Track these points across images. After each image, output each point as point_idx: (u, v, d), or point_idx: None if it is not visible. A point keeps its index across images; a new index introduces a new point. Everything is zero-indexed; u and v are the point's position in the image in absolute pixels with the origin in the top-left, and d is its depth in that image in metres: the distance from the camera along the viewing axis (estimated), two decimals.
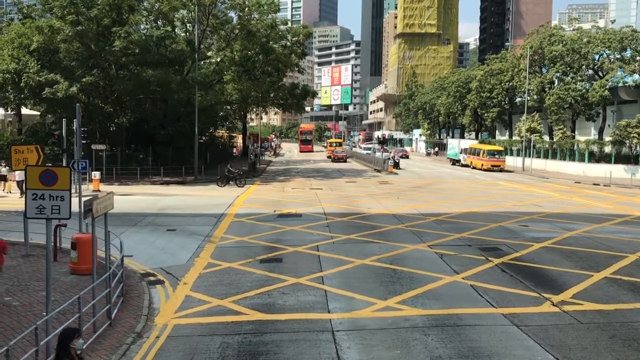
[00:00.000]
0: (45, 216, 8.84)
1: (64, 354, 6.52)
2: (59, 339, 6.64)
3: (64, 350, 6.53)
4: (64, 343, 6.56)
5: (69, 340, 6.57)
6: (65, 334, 6.67)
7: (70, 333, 6.69)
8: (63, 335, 6.65)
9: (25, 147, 17.84)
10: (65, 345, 6.54)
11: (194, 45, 45.43)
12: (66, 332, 6.76)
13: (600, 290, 13.49)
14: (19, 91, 40.46)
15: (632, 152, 48.11)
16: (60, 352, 6.56)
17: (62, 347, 6.54)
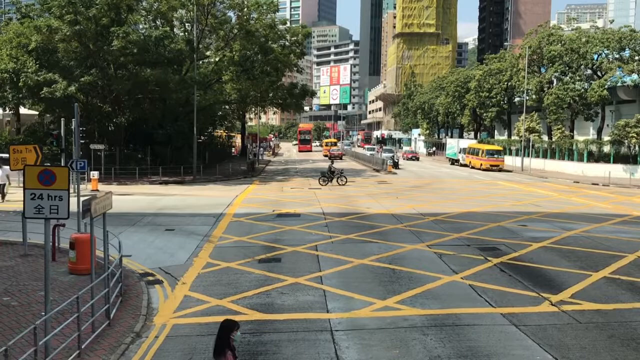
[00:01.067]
0: (43, 216, 8.83)
1: (226, 344, 6.68)
2: (221, 330, 6.80)
3: (225, 341, 6.70)
4: (226, 334, 6.73)
5: (230, 331, 6.74)
6: (227, 326, 6.82)
7: (232, 325, 6.85)
8: (225, 327, 6.80)
9: (24, 147, 17.81)
10: (227, 336, 6.71)
11: (193, 45, 45.40)
12: (227, 323, 6.89)
13: (598, 290, 13.50)
14: (17, 91, 40.43)
15: (630, 152, 48.17)
16: (222, 343, 6.70)
17: (224, 338, 6.70)
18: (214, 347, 6.74)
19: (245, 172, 49.58)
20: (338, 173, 38.93)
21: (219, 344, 6.69)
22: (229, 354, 6.63)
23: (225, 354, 6.62)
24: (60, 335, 9.29)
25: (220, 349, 6.65)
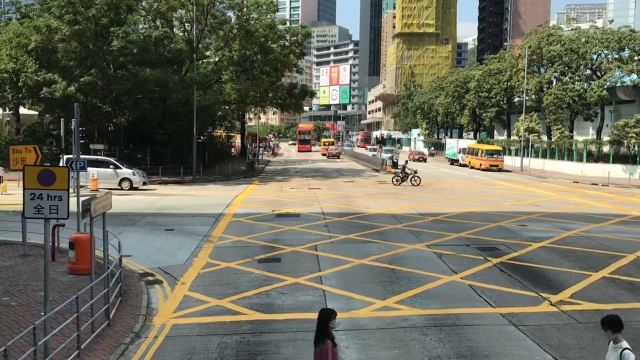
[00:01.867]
0: (43, 216, 8.83)
1: (325, 332, 6.81)
2: (319, 319, 6.96)
3: (324, 329, 6.83)
4: (324, 323, 6.86)
5: (328, 319, 6.89)
6: (325, 314, 6.95)
7: (329, 313, 6.99)
8: (322, 316, 6.95)
9: (24, 147, 17.80)
10: (325, 324, 6.84)
11: (193, 45, 45.37)
12: (325, 312, 7.03)
13: (598, 290, 13.50)
14: (17, 91, 40.39)
15: (630, 152, 48.20)
16: (322, 331, 6.84)
17: (323, 327, 6.86)
18: (315, 336, 6.93)
19: (244, 172, 49.58)
20: (412, 173, 38.76)
21: (318, 333, 6.86)
22: (328, 342, 6.77)
23: (325, 342, 6.76)
24: (59, 335, 9.29)
25: (320, 338, 6.82)
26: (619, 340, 6.37)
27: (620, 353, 6.20)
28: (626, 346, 6.23)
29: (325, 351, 6.69)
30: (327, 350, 6.69)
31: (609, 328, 6.46)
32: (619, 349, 6.25)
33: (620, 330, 6.45)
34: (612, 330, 6.42)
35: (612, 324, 6.47)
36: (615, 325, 6.48)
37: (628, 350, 6.20)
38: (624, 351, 6.19)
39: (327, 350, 6.69)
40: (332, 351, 6.70)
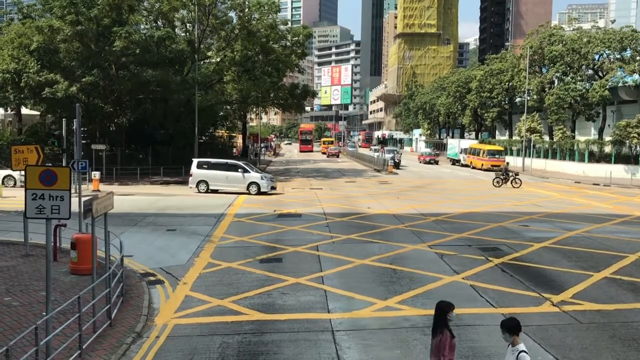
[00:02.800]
0: (45, 216, 8.84)
1: (443, 324, 6.93)
2: (437, 310, 7.06)
3: (443, 321, 6.94)
4: (443, 315, 6.98)
5: (446, 311, 6.99)
6: (443, 306, 7.05)
7: (447, 305, 7.08)
8: (441, 307, 7.05)
9: (25, 147, 17.82)
10: (444, 316, 6.96)
11: (194, 45, 45.41)
12: (443, 304, 7.12)
13: (600, 290, 13.49)
14: (19, 91, 40.45)
15: (632, 152, 48.11)
16: (439, 323, 6.96)
17: (441, 319, 6.97)
18: (432, 327, 7.06)
19: None
20: (513, 175, 38.39)
21: (437, 324, 6.98)
22: (446, 332, 6.87)
23: (444, 333, 6.86)
24: (61, 335, 9.30)
25: (438, 328, 6.93)
26: (517, 343, 6.48)
27: (517, 356, 6.31)
28: (522, 349, 6.35)
29: (443, 341, 6.84)
30: (446, 340, 6.84)
31: (507, 331, 6.59)
32: (516, 352, 6.35)
33: (518, 333, 6.54)
34: (510, 333, 6.54)
35: (510, 328, 6.59)
36: (513, 328, 6.59)
37: (524, 353, 6.32)
38: (520, 354, 6.31)
39: (445, 340, 6.84)
40: (450, 342, 6.85)
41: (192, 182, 33.02)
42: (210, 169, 32.98)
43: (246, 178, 32.39)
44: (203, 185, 32.62)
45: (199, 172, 32.82)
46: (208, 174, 32.70)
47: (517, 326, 6.57)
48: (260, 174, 33.36)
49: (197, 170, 32.89)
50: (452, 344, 6.86)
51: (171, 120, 45.59)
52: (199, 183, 32.71)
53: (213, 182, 32.49)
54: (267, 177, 33.25)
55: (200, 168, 33.01)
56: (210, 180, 32.52)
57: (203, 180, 32.62)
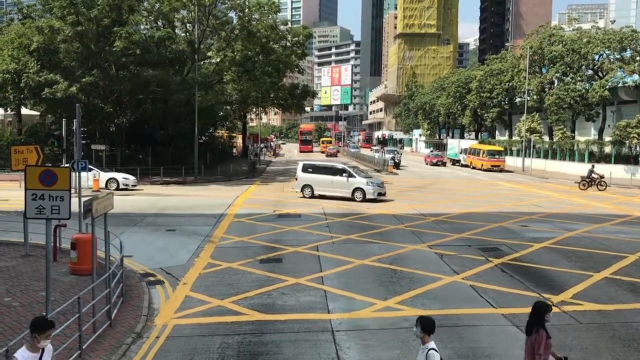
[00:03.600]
0: (45, 216, 8.84)
1: (540, 324, 7.02)
2: (535, 310, 7.16)
3: (540, 321, 7.03)
4: (540, 315, 7.06)
5: (544, 312, 7.08)
6: (540, 307, 7.16)
7: (545, 306, 7.19)
8: (538, 307, 7.16)
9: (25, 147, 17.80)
10: (541, 316, 7.04)
11: (194, 46, 45.41)
12: (541, 304, 7.23)
13: (600, 291, 13.49)
14: (19, 91, 40.45)
15: (631, 152, 48.12)
16: (536, 323, 7.07)
17: (538, 318, 7.07)
18: (527, 326, 7.15)
19: (246, 172, 49.59)
20: (598, 178, 37.55)
21: (532, 323, 7.06)
22: (542, 332, 6.94)
23: (539, 332, 6.94)
24: (61, 335, 9.29)
25: (534, 327, 7.01)
26: (427, 341, 6.53)
27: (426, 353, 6.37)
28: (432, 347, 6.40)
29: (539, 341, 6.91)
30: (541, 339, 6.91)
31: (420, 327, 6.59)
32: (426, 350, 6.41)
33: (429, 333, 6.55)
34: (422, 330, 6.55)
35: (424, 326, 6.61)
36: (426, 327, 6.61)
37: (433, 350, 6.38)
38: (429, 351, 6.36)
39: (540, 340, 6.91)
40: (545, 342, 6.91)
41: (297, 186, 31.50)
42: (315, 172, 31.18)
43: (350, 183, 30.11)
44: (308, 189, 30.87)
45: (304, 176, 31.15)
46: (313, 178, 30.85)
47: (431, 326, 6.59)
48: (366, 179, 30.87)
49: (302, 173, 31.29)
50: (548, 344, 6.96)
51: (171, 121, 45.59)
52: (304, 187, 30.98)
53: (318, 187, 30.62)
54: (374, 182, 30.58)
55: (305, 171, 31.34)
56: (315, 184, 30.70)
57: (308, 185, 30.85)
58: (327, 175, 30.76)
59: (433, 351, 6.37)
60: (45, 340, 6.04)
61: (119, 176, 34.49)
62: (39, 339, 6.00)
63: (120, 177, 34.45)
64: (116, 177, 34.21)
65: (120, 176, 34.53)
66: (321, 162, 33.76)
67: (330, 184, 30.42)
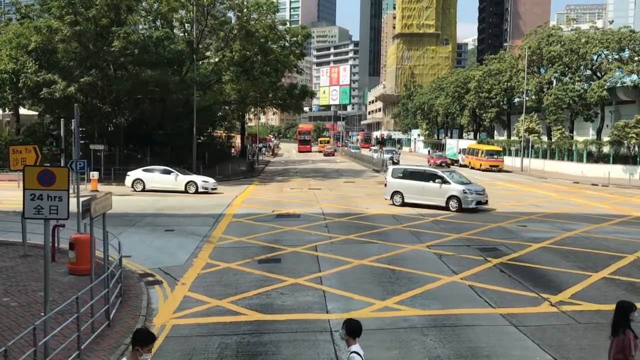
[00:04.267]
0: (43, 216, 8.82)
1: (626, 325, 6.95)
2: (619, 310, 7.08)
3: (625, 321, 6.97)
4: (624, 314, 7.00)
5: (628, 311, 7.00)
6: (625, 306, 7.07)
7: (630, 305, 7.08)
8: (622, 307, 7.06)
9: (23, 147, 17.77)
10: (626, 316, 6.98)
11: (193, 46, 45.37)
12: (625, 304, 7.14)
13: (598, 291, 13.51)
14: (17, 91, 40.40)
15: (630, 153, 48.18)
16: (622, 324, 6.98)
17: (623, 318, 6.99)
18: (612, 326, 7.07)
19: (245, 172, 49.58)
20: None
21: (618, 324, 6.99)
22: (629, 332, 6.88)
23: (626, 333, 6.88)
24: (59, 335, 9.29)
25: (620, 329, 6.94)
26: (350, 344, 6.46)
27: (348, 356, 6.32)
28: (354, 350, 6.33)
29: (627, 342, 6.86)
30: (629, 340, 6.86)
31: (345, 330, 6.49)
32: (348, 352, 6.36)
33: (354, 337, 6.47)
34: (346, 333, 6.50)
35: (349, 329, 6.51)
36: (350, 331, 6.52)
37: (355, 353, 6.30)
38: (351, 354, 6.31)
39: (628, 341, 6.86)
40: (634, 342, 6.86)
41: (386, 193, 28.58)
42: (405, 178, 27.97)
43: (444, 190, 26.44)
44: (398, 197, 27.75)
45: (394, 182, 28.14)
46: (404, 184, 27.70)
47: (356, 330, 6.48)
48: (463, 185, 26.72)
49: (392, 179, 28.35)
50: (637, 344, 6.91)
51: (170, 121, 45.54)
52: (394, 194, 27.98)
53: (408, 194, 27.39)
54: (471, 189, 26.50)
55: (395, 176, 28.34)
56: (405, 191, 27.52)
57: (398, 192, 27.73)
58: (418, 180, 27.41)
59: (355, 354, 6.27)
60: (147, 353, 5.70)
61: (198, 179, 33.50)
62: (141, 352, 5.67)
63: (200, 180, 33.41)
64: (195, 180, 33.18)
65: (199, 179, 33.51)
66: (413, 166, 30.64)
67: (421, 190, 27.05)
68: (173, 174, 33.24)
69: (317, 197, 31.61)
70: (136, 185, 33.24)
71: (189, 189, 32.69)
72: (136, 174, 33.58)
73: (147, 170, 34.22)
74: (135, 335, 5.86)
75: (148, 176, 33.44)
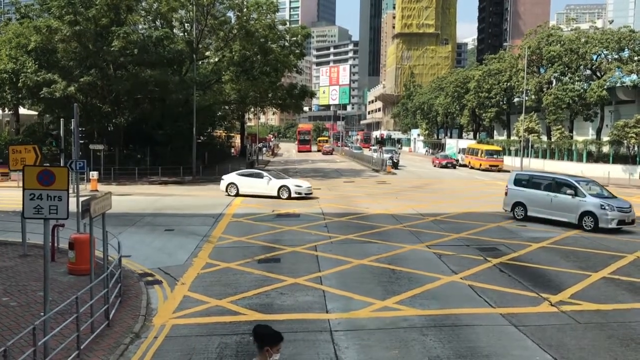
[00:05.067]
0: (43, 216, 8.82)
1: None
2: None
3: None
4: None
5: None
6: None
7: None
8: None
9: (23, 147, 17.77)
10: None
11: (193, 46, 45.39)
12: None
13: (598, 290, 13.50)
14: (17, 91, 40.43)
15: (629, 152, 48.22)
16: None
17: None
18: None
19: None
20: None
21: None
22: None
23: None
24: (59, 335, 9.29)
25: None
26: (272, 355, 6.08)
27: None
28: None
29: None
30: None
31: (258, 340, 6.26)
32: None
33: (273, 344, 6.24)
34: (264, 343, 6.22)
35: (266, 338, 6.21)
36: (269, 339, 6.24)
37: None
38: None
39: None
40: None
41: (506, 204, 24.92)
42: (529, 186, 23.96)
43: (577, 205, 21.82)
44: (520, 209, 23.91)
45: (516, 192, 24.36)
46: (528, 195, 23.70)
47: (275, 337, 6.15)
48: (602, 199, 21.85)
49: (513, 187, 24.61)
50: None
51: (169, 120, 45.57)
52: (515, 206, 24.11)
53: (533, 207, 23.40)
54: (612, 204, 21.58)
55: (518, 185, 24.47)
56: (529, 203, 23.55)
57: (520, 203, 23.92)
58: (546, 191, 23.17)
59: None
60: (276, 354, 5.52)
61: (291, 183, 30.93)
62: (271, 353, 5.49)
63: (292, 184, 30.83)
64: (288, 185, 30.58)
65: (291, 183, 30.95)
66: (539, 173, 27.17)
67: (549, 203, 22.75)
68: (265, 177, 31.08)
69: (317, 196, 31.58)
70: (230, 189, 31.44)
71: (282, 194, 30.17)
72: (230, 178, 31.88)
73: (242, 174, 32.41)
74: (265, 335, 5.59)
75: (242, 180, 31.46)
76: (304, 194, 30.37)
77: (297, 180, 32.40)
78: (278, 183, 30.71)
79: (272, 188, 30.47)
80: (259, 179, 31.22)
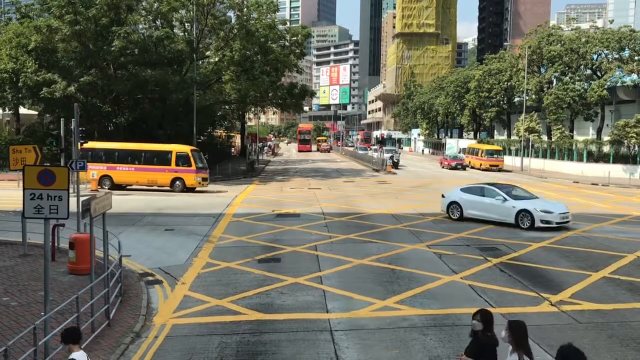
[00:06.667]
0: (43, 216, 8.82)
1: None
2: None
3: None
4: None
5: None
6: None
7: None
8: None
9: (23, 147, 17.80)
10: None
11: (193, 45, 45.36)
12: None
13: (598, 290, 13.49)
14: (17, 91, 40.41)
15: (630, 152, 48.17)
16: None
17: None
18: None
19: (244, 172, 49.59)
20: None
21: None
22: None
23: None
24: (59, 335, 9.28)
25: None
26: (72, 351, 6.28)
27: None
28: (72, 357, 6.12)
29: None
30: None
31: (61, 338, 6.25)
32: None
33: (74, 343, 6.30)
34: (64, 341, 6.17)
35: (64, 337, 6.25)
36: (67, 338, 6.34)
37: None
38: None
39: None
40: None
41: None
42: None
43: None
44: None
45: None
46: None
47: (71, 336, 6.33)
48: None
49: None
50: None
51: (169, 120, 45.55)
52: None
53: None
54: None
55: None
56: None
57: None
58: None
59: None
60: None
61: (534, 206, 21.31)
62: None
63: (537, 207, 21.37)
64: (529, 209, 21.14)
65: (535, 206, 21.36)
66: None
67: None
68: (499, 197, 22.00)
69: (317, 196, 31.61)
70: (452, 212, 23.23)
71: (523, 223, 21.08)
72: (453, 196, 23.54)
73: (467, 190, 23.74)
74: None
75: (467, 199, 22.96)
76: (554, 224, 20.91)
77: (541, 201, 22.73)
78: (517, 206, 21.44)
79: (509, 213, 21.50)
80: (489, 199, 22.31)
